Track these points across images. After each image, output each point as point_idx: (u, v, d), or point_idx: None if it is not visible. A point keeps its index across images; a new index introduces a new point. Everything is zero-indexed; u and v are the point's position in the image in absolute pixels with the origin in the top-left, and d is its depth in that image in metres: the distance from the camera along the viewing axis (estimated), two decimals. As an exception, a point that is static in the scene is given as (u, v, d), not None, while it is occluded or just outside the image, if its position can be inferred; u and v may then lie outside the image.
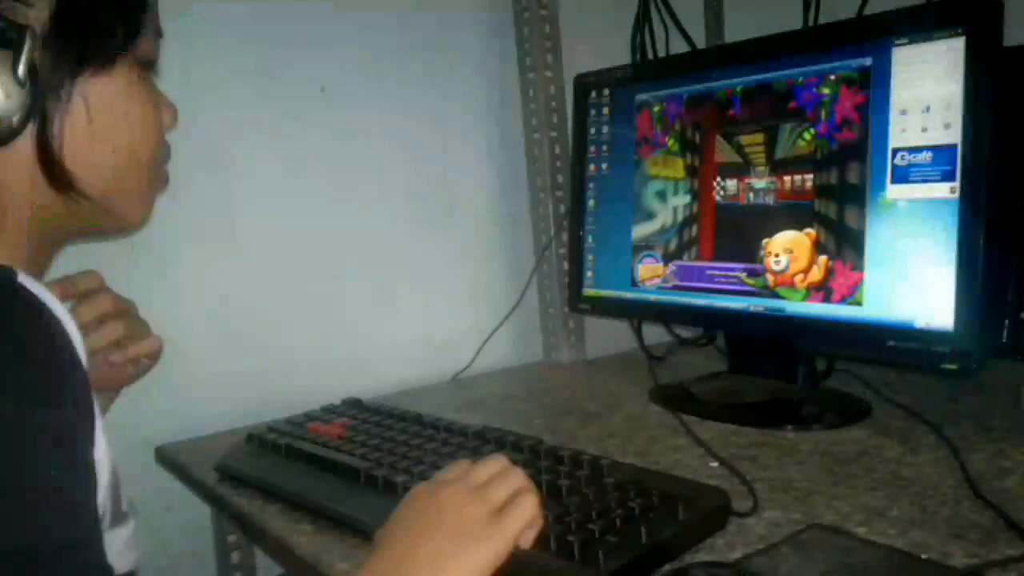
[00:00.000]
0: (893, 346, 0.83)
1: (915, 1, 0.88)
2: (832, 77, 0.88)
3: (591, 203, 1.16)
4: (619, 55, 1.36)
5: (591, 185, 1.16)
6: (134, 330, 0.76)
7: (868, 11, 1.10)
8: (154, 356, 0.78)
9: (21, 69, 0.49)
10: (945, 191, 0.79)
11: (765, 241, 0.94)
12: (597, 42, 1.36)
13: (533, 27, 1.27)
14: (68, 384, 0.47)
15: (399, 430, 0.87)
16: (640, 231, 1.09)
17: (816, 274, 0.89)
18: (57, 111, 0.52)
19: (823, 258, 0.89)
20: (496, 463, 0.61)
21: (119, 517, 0.59)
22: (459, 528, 0.55)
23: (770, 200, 0.94)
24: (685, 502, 0.64)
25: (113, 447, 0.51)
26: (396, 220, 1.25)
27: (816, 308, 0.89)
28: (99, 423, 0.49)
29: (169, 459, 1.00)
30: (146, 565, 0.64)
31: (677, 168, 1.05)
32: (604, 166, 1.14)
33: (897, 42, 0.83)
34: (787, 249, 0.92)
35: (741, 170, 0.97)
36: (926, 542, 0.61)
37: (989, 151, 0.77)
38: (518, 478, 0.60)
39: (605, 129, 1.14)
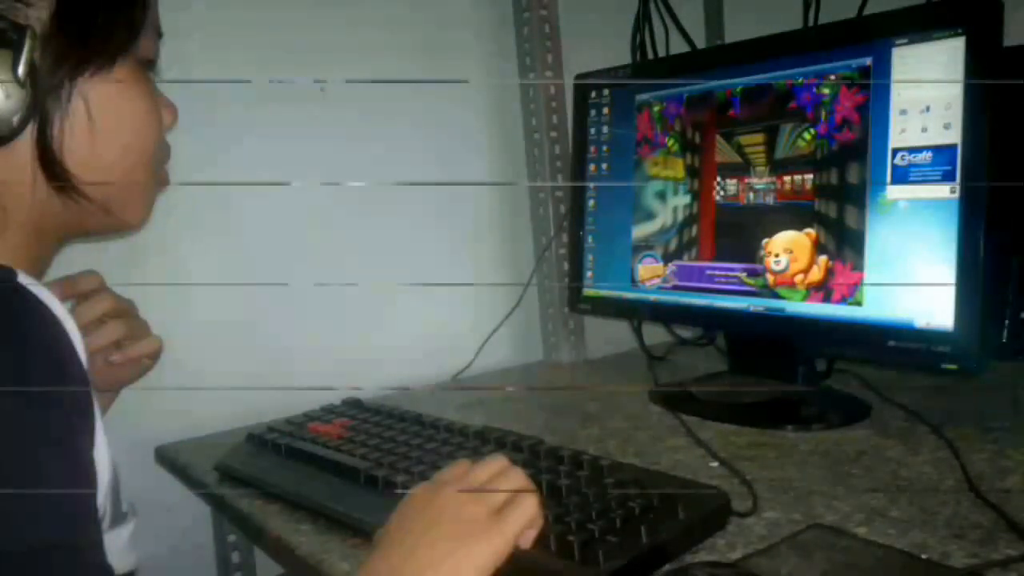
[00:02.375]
0: (893, 346, 0.83)
1: (915, 1, 0.88)
2: (832, 77, 0.88)
3: (591, 203, 1.16)
4: (619, 55, 1.36)
5: (591, 185, 1.16)
6: (134, 330, 0.76)
7: (868, 11, 1.10)
8: (154, 356, 0.78)
9: (21, 69, 0.49)
10: (945, 191, 0.79)
11: (765, 241, 0.94)
12: (597, 42, 1.36)
13: (533, 27, 1.27)
14: (68, 384, 0.47)
15: (399, 430, 0.87)
16: (640, 231, 1.09)
17: (816, 274, 0.89)
18: (57, 111, 0.52)
19: (823, 258, 0.89)
20: (496, 463, 0.61)
21: (119, 517, 0.59)
22: (459, 528, 0.55)
23: (770, 200, 0.94)
24: (685, 502, 0.64)
25: (113, 447, 0.51)
26: (396, 220, 1.25)
27: (816, 308, 0.89)
28: (99, 423, 0.50)
29: (169, 459, 1.00)
30: (146, 565, 0.64)
31: (677, 168, 1.05)
32: (604, 166, 1.14)
33: (897, 42, 0.83)
34: (787, 249, 0.92)
35: (741, 170, 0.97)
36: (926, 542, 0.61)
37: (989, 151, 0.77)
38: (518, 478, 0.60)
39: (605, 129, 1.14)
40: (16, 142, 0.51)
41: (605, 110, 1.14)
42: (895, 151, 0.83)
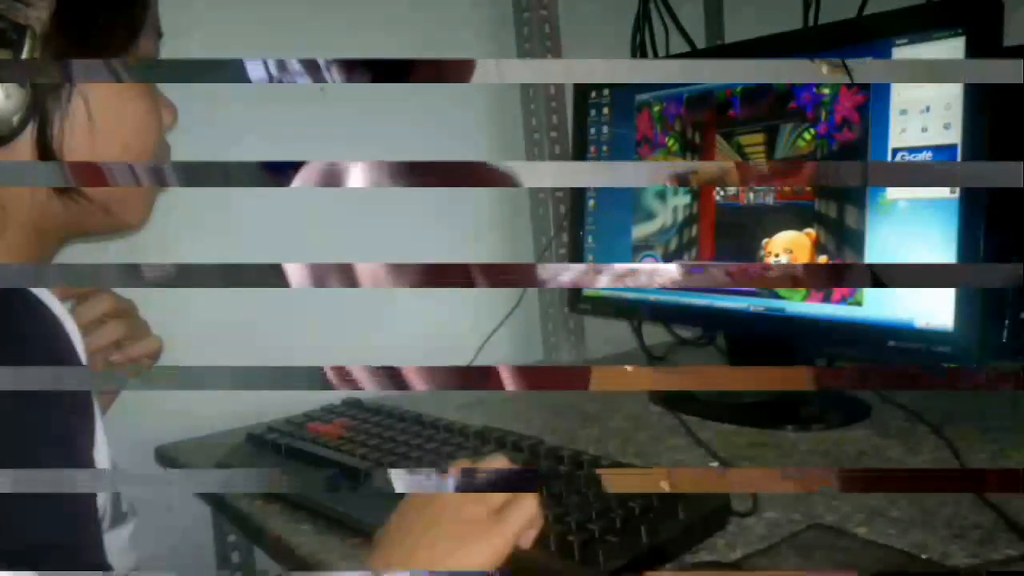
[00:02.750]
0: (893, 346, 0.83)
1: (915, 1, 0.88)
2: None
3: (591, 203, 1.16)
4: (619, 55, 1.36)
5: (591, 185, 1.16)
6: (134, 330, 0.77)
7: (868, 11, 1.10)
8: (154, 356, 0.79)
9: (21, 69, 0.49)
10: (945, 191, 0.79)
11: (765, 241, 0.94)
12: (597, 42, 1.36)
13: (533, 27, 1.27)
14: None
15: (399, 430, 0.87)
16: (640, 231, 1.09)
17: (816, 274, 0.89)
18: (57, 111, 0.52)
19: (823, 258, 0.89)
20: (496, 463, 0.61)
21: (119, 517, 0.59)
22: (459, 528, 0.55)
23: (770, 200, 0.94)
24: (685, 502, 0.64)
25: (113, 447, 0.51)
26: (396, 220, 1.25)
27: (816, 308, 0.89)
28: (99, 423, 0.50)
29: (169, 459, 1.00)
30: (146, 565, 0.64)
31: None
32: (604, 166, 1.14)
33: (897, 42, 0.83)
34: (787, 249, 0.92)
35: (741, 170, 0.97)
36: (926, 542, 0.61)
37: (989, 151, 0.77)
38: (518, 478, 0.60)
39: (605, 129, 1.14)
40: (16, 142, 0.51)
41: (605, 110, 1.14)
42: (895, 151, 0.83)
